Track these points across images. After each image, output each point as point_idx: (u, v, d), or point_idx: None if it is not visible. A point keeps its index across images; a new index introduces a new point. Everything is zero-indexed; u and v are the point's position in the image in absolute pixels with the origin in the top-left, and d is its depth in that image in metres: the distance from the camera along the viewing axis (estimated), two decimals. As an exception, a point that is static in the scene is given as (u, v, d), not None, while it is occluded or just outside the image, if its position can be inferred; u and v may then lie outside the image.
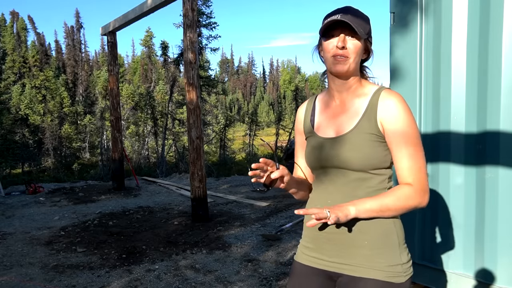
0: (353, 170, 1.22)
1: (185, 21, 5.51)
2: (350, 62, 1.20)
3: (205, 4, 20.89)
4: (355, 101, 1.27)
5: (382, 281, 1.19)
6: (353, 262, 1.23)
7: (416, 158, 1.19)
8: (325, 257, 1.29)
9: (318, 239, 1.30)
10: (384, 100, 1.21)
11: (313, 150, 1.32)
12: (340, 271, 1.26)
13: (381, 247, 1.21)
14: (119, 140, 8.55)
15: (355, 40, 1.19)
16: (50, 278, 3.63)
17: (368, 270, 1.20)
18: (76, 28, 49.88)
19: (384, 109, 1.20)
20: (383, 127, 1.20)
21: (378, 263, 1.20)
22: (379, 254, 1.21)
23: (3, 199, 7.52)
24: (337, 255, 1.26)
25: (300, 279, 1.35)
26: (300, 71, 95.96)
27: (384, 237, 1.21)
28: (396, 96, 1.21)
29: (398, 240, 1.23)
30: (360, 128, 1.22)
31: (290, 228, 5.02)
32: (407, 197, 1.17)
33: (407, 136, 1.18)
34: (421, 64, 2.35)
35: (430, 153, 2.33)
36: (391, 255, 1.21)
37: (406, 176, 1.19)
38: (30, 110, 29.42)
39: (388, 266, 1.20)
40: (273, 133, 33.66)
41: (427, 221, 2.40)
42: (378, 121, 1.21)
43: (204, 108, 24.14)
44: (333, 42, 1.20)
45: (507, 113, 2.02)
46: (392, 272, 1.19)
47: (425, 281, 2.43)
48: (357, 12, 1.21)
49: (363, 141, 1.21)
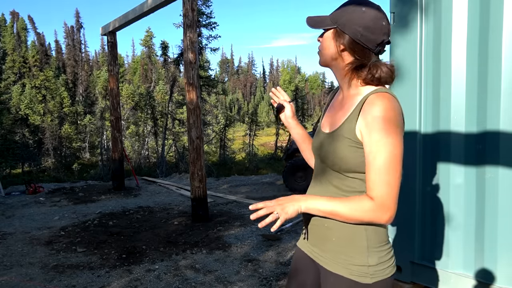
0: (331, 169, 1.25)
1: (185, 21, 5.51)
2: (321, 54, 1.26)
3: (205, 4, 20.90)
4: (350, 99, 1.24)
5: (346, 278, 1.20)
6: (325, 255, 1.28)
7: (386, 171, 1.10)
8: (310, 245, 1.36)
9: (309, 226, 1.35)
10: (367, 105, 1.14)
11: (313, 142, 1.39)
12: (317, 261, 1.31)
13: (347, 247, 1.22)
14: (119, 140, 8.55)
15: (325, 33, 1.24)
16: (50, 278, 3.63)
17: (335, 265, 1.24)
18: (76, 28, 49.88)
19: (365, 115, 1.13)
20: (361, 133, 1.15)
21: (343, 260, 1.22)
22: (344, 252, 1.22)
23: (3, 199, 7.52)
24: (316, 244, 1.32)
25: (295, 261, 1.44)
26: (300, 71, 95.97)
27: (350, 238, 1.21)
28: (382, 102, 1.11)
29: (367, 243, 1.19)
30: (341, 130, 1.21)
31: (290, 228, 5.02)
32: (363, 210, 1.13)
33: (380, 147, 1.10)
34: (421, 64, 2.35)
35: (430, 153, 2.33)
36: (356, 256, 1.20)
37: (370, 188, 1.13)
38: (30, 110, 29.41)
39: (352, 265, 1.20)
40: (273, 133, 33.66)
41: (427, 221, 2.40)
42: (357, 127, 1.16)
43: (204, 108, 24.14)
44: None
45: (507, 113, 2.02)
46: (356, 271, 1.19)
47: (425, 281, 2.43)
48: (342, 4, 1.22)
49: (340, 143, 1.20)
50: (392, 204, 1.12)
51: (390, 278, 1.22)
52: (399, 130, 1.12)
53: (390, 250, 1.25)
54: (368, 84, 1.20)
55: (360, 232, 1.20)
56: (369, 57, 1.18)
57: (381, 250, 1.21)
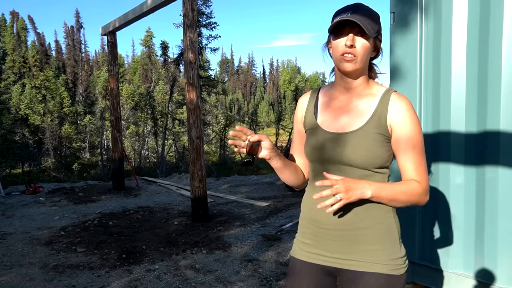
0: (357, 167, 1.24)
1: (185, 21, 5.51)
2: (358, 61, 1.20)
3: (205, 4, 20.91)
4: (362, 100, 1.28)
5: (385, 274, 1.23)
6: (357, 257, 1.25)
7: (422, 161, 1.24)
8: (327, 253, 1.29)
9: (319, 235, 1.30)
10: (394, 103, 1.24)
11: (316, 144, 1.30)
12: (343, 267, 1.28)
13: (384, 242, 1.26)
14: (119, 140, 8.55)
15: (363, 40, 1.19)
16: (50, 278, 3.63)
17: (372, 265, 1.24)
18: (76, 28, 49.92)
19: (395, 112, 1.23)
20: (392, 129, 1.24)
21: (381, 257, 1.24)
22: (382, 248, 1.25)
23: (3, 199, 7.52)
24: (340, 251, 1.27)
25: (300, 276, 1.35)
26: (300, 71, 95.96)
27: (387, 232, 1.27)
28: (406, 100, 1.25)
29: (398, 234, 1.29)
30: (369, 127, 1.23)
31: (290, 228, 5.02)
32: (414, 193, 1.22)
33: (415, 141, 1.23)
34: (421, 64, 2.35)
35: (430, 153, 2.33)
36: (393, 249, 1.26)
37: (414, 176, 1.23)
38: (30, 110, 29.43)
39: (390, 260, 1.24)
40: (273, 133, 33.68)
41: (427, 221, 2.40)
42: (387, 123, 1.23)
43: (204, 108, 24.14)
44: (342, 40, 1.20)
45: (507, 113, 2.02)
46: (394, 265, 1.24)
47: (425, 281, 2.43)
48: (368, 10, 1.21)
49: (371, 140, 1.23)
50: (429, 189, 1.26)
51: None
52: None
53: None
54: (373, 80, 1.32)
55: (392, 226, 1.28)
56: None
57: (402, 241, 1.31)
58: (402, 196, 1.22)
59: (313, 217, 1.32)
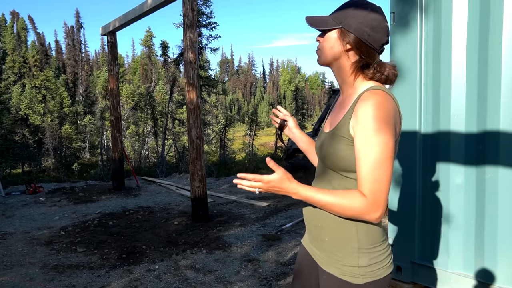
0: (329, 169, 1.26)
1: (185, 21, 5.51)
2: (322, 53, 1.26)
3: (205, 4, 20.91)
4: (346, 100, 1.28)
5: (338, 277, 1.23)
6: (320, 254, 1.31)
7: (376, 168, 1.09)
8: (309, 243, 1.40)
9: (306, 225, 1.40)
10: (360, 103, 1.15)
11: (316, 141, 1.41)
12: (315, 259, 1.36)
13: (338, 247, 1.24)
14: (119, 140, 8.55)
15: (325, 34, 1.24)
16: (50, 278, 3.63)
17: (328, 265, 1.27)
18: (76, 28, 49.90)
19: (356, 113, 1.15)
20: (354, 130, 1.16)
21: (335, 260, 1.25)
22: (335, 252, 1.25)
23: (3, 199, 7.52)
24: (313, 243, 1.37)
25: (299, 257, 1.50)
26: (300, 71, 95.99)
27: (341, 238, 1.23)
28: (374, 99, 1.12)
29: (357, 244, 1.20)
30: (338, 129, 1.22)
31: (290, 228, 5.02)
32: (353, 206, 1.12)
33: (370, 144, 1.10)
34: (421, 64, 2.35)
35: (430, 153, 2.33)
36: (346, 256, 1.22)
37: (361, 185, 1.12)
38: (30, 110, 29.42)
39: (344, 266, 1.22)
40: (273, 133, 33.67)
41: (427, 221, 2.40)
42: (350, 125, 1.17)
43: (204, 108, 24.15)
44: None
45: (507, 113, 2.02)
46: (347, 271, 1.21)
47: (425, 281, 2.43)
48: (346, 4, 1.22)
49: (336, 142, 1.21)
50: (383, 202, 1.11)
51: (383, 279, 1.22)
52: (390, 126, 1.11)
53: (384, 251, 1.23)
54: (377, 82, 1.22)
55: (351, 233, 1.21)
56: (373, 56, 1.20)
57: (373, 251, 1.21)
58: (334, 208, 1.15)
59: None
